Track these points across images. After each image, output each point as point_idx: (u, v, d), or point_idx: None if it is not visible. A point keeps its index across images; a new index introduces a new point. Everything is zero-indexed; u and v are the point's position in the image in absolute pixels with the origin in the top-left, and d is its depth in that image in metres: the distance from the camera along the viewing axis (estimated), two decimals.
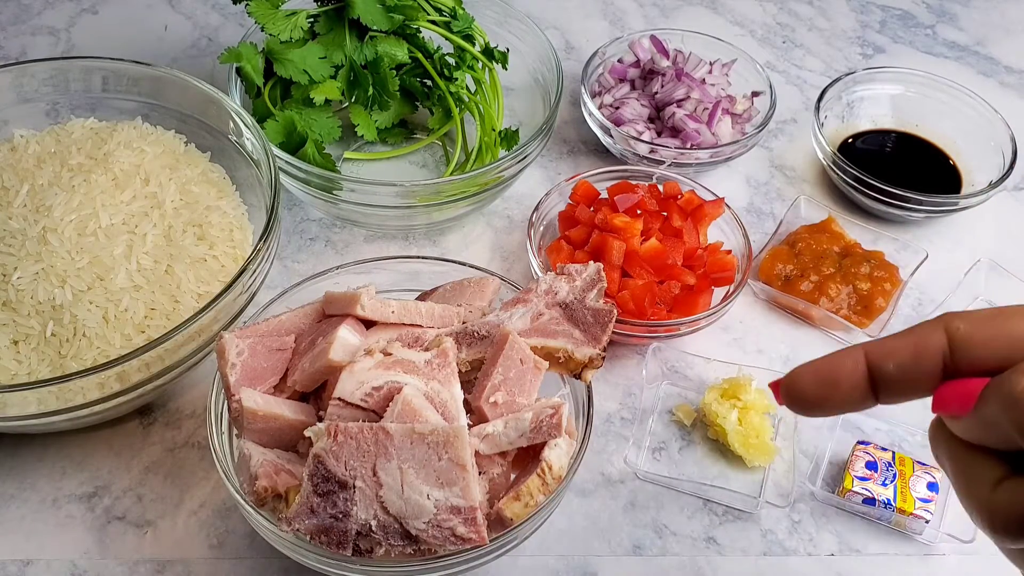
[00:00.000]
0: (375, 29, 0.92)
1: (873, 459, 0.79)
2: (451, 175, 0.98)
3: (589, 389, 0.71)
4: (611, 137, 1.03)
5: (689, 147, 1.02)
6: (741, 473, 0.82)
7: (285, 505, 0.63)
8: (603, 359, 0.70)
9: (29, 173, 0.82)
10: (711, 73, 1.09)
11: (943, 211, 1.00)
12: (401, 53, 0.95)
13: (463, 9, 0.99)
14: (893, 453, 0.80)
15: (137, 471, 0.80)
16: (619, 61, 1.11)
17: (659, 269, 0.88)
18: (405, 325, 0.72)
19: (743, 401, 0.82)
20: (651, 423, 0.86)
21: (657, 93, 1.06)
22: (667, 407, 0.87)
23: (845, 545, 0.79)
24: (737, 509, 0.80)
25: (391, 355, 0.66)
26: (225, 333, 0.69)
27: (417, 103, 1.03)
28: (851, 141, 1.09)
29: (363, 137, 0.97)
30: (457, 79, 0.98)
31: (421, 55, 0.97)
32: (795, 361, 0.90)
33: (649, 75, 1.09)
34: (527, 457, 0.68)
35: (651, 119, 1.07)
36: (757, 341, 0.93)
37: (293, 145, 0.91)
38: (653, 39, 1.10)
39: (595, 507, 0.80)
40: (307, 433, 0.61)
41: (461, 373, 0.68)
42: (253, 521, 0.65)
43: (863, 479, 0.78)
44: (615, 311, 0.72)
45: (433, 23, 0.97)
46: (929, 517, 0.77)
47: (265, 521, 0.63)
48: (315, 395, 0.70)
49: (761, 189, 1.07)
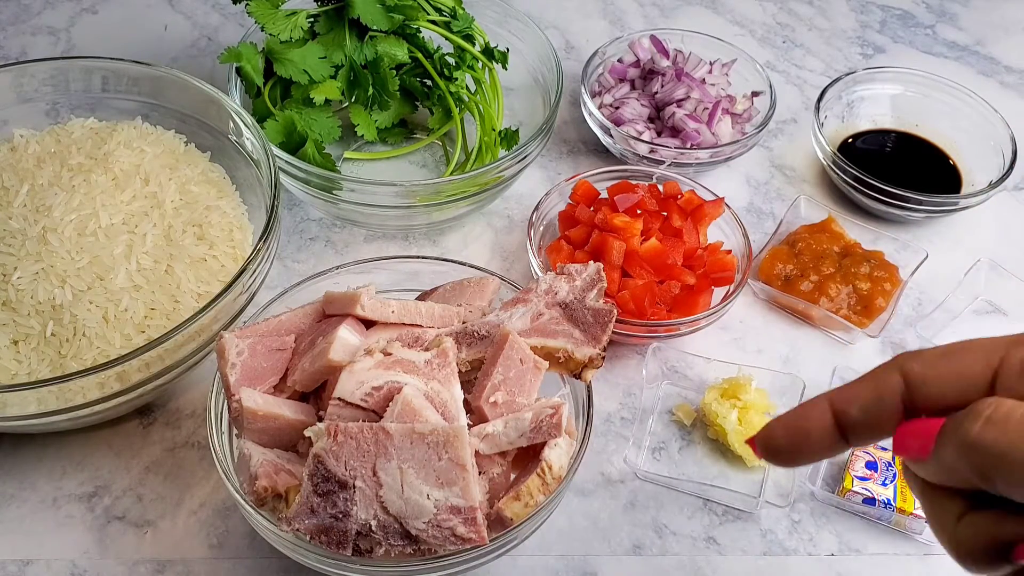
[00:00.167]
0: (375, 29, 0.92)
1: (873, 459, 0.79)
2: (451, 175, 0.98)
3: (589, 389, 0.71)
4: (611, 137, 1.03)
5: (689, 147, 1.02)
6: (741, 473, 0.82)
7: (285, 505, 0.63)
8: (603, 359, 0.70)
9: (29, 173, 0.82)
10: (711, 73, 1.09)
11: (943, 211, 1.00)
12: (401, 53, 0.95)
13: (463, 9, 0.99)
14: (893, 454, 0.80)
15: (137, 471, 0.80)
16: (619, 61, 1.11)
17: (659, 269, 0.88)
18: (405, 325, 0.72)
19: (743, 401, 0.82)
20: (651, 423, 0.86)
21: (657, 93, 1.06)
22: (667, 407, 0.87)
23: (845, 545, 0.79)
24: (737, 509, 0.80)
25: (391, 355, 0.66)
26: (225, 333, 0.69)
27: (417, 103, 1.03)
28: (851, 141, 1.09)
29: (363, 137, 0.97)
30: (457, 79, 0.98)
31: (421, 55, 0.97)
32: (795, 361, 0.91)
33: (649, 75, 1.09)
34: (527, 457, 0.68)
35: (651, 119, 1.07)
36: (757, 341, 0.93)
37: (293, 145, 0.91)
38: (653, 39, 1.10)
39: (595, 507, 0.80)
40: (307, 433, 0.61)
41: (461, 373, 0.68)
42: (253, 521, 0.65)
43: (863, 479, 0.78)
44: (615, 311, 0.72)
45: (433, 23, 0.97)
46: None
47: (265, 521, 0.63)
48: (315, 395, 0.70)
49: (761, 189, 1.07)
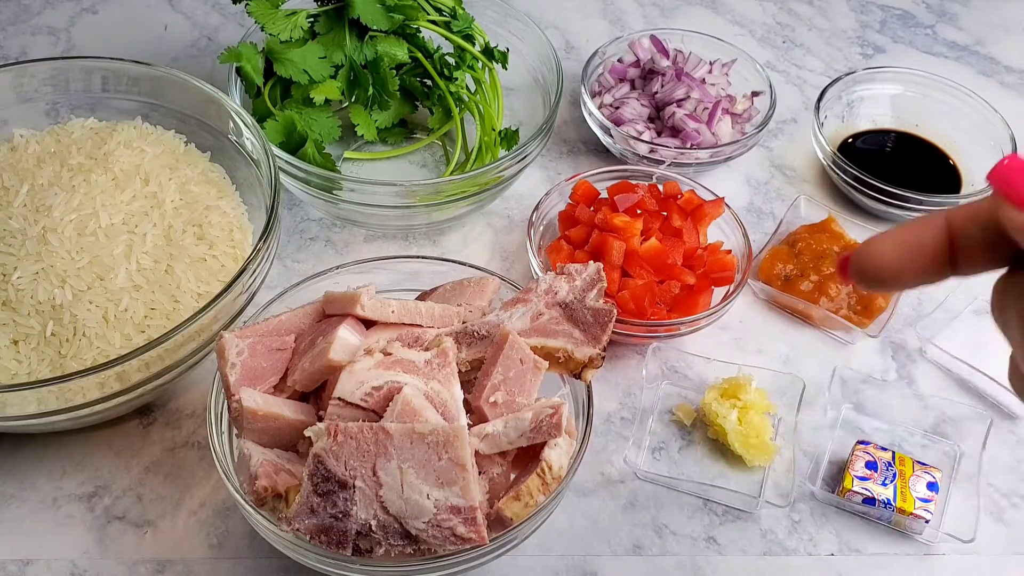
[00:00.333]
0: (375, 29, 0.92)
1: (873, 459, 0.79)
2: (451, 175, 0.98)
3: (589, 389, 0.71)
4: (611, 137, 1.03)
5: (689, 147, 1.02)
6: (741, 473, 0.82)
7: (285, 505, 0.63)
8: (603, 359, 0.70)
9: (29, 173, 0.82)
10: (711, 73, 1.09)
11: (943, 211, 1.00)
12: (401, 53, 0.95)
13: (463, 9, 0.99)
14: (893, 453, 0.80)
15: (137, 471, 0.80)
16: (619, 61, 1.11)
17: (659, 269, 0.88)
18: (405, 325, 0.72)
19: (743, 401, 0.82)
20: (651, 423, 0.86)
21: (657, 93, 1.06)
22: (667, 407, 0.87)
23: (845, 545, 0.79)
24: (737, 509, 0.80)
25: (391, 355, 0.66)
26: (225, 333, 0.69)
27: (417, 103, 1.03)
28: (851, 141, 1.09)
29: (363, 137, 0.97)
30: (457, 79, 0.98)
31: (421, 55, 0.97)
32: (795, 361, 0.91)
33: (649, 75, 1.09)
34: (527, 457, 0.68)
35: (651, 119, 1.07)
36: (757, 341, 0.93)
37: (293, 145, 0.91)
38: (653, 39, 1.10)
39: (595, 507, 0.80)
40: (307, 433, 0.61)
41: (461, 373, 0.68)
42: (253, 521, 0.65)
43: (863, 479, 0.78)
44: (615, 311, 0.72)
45: (433, 23, 0.97)
46: (929, 517, 0.77)
47: (265, 521, 0.63)
48: (315, 395, 0.70)
49: (761, 189, 1.07)
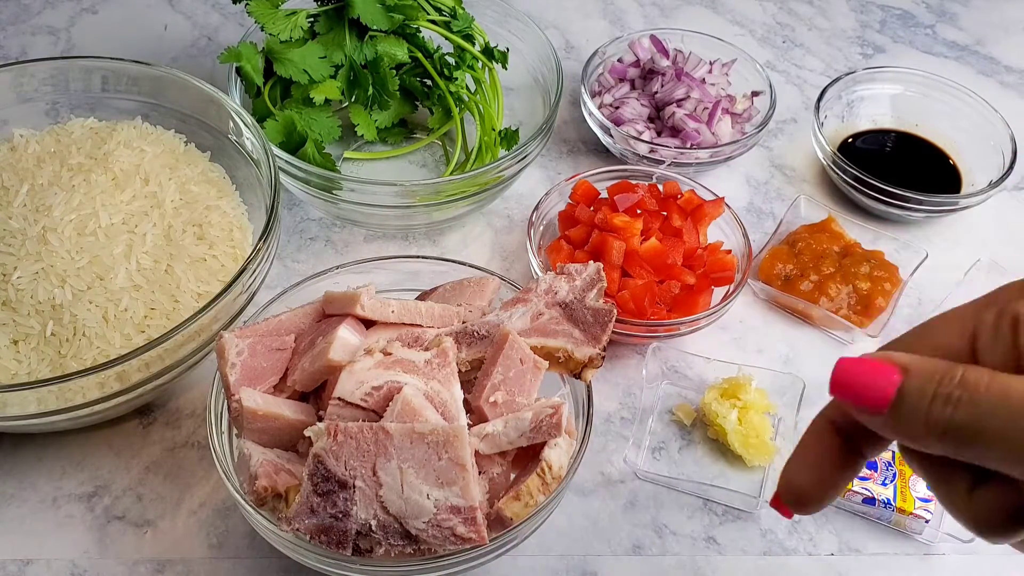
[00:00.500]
0: (375, 29, 0.92)
1: (873, 459, 0.79)
2: (451, 175, 0.98)
3: (589, 389, 0.71)
4: (611, 137, 1.03)
5: (689, 147, 1.02)
6: (741, 473, 0.82)
7: (285, 505, 0.63)
8: (603, 359, 0.70)
9: (29, 173, 0.82)
10: (711, 73, 1.09)
11: (943, 211, 1.00)
12: (401, 53, 0.95)
13: (463, 9, 0.99)
14: (893, 453, 0.80)
15: (137, 471, 0.80)
16: (619, 61, 1.11)
17: (659, 269, 0.88)
18: (405, 325, 0.72)
19: (743, 401, 0.82)
20: (651, 423, 0.86)
21: (657, 93, 1.06)
22: (667, 407, 0.87)
23: (845, 545, 0.79)
24: (737, 509, 0.80)
25: (391, 355, 0.66)
26: (225, 333, 0.69)
27: (417, 103, 1.03)
28: (851, 141, 1.09)
29: (363, 137, 0.97)
30: (457, 79, 0.98)
31: (421, 55, 0.97)
32: (795, 361, 0.91)
33: (649, 75, 1.09)
34: (527, 457, 0.68)
35: (651, 119, 1.07)
36: (757, 341, 0.93)
37: (293, 145, 0.91)
38: (653, 39, 1.10)
39: (595, 507, 0.80)
40: (307, 433, 0.61)
41: (461, 373, 0.68)
42: (253, 521, 0.65)
43: (863, 479, 0.78)
44: (615, 311, 0.72)
45: (433, 23, 0.97)
46: (929, 517, 0.77)
47: (265, 521, 0.63)
48: (315, 395, 0.70)
49: (761, 189, 1.07)
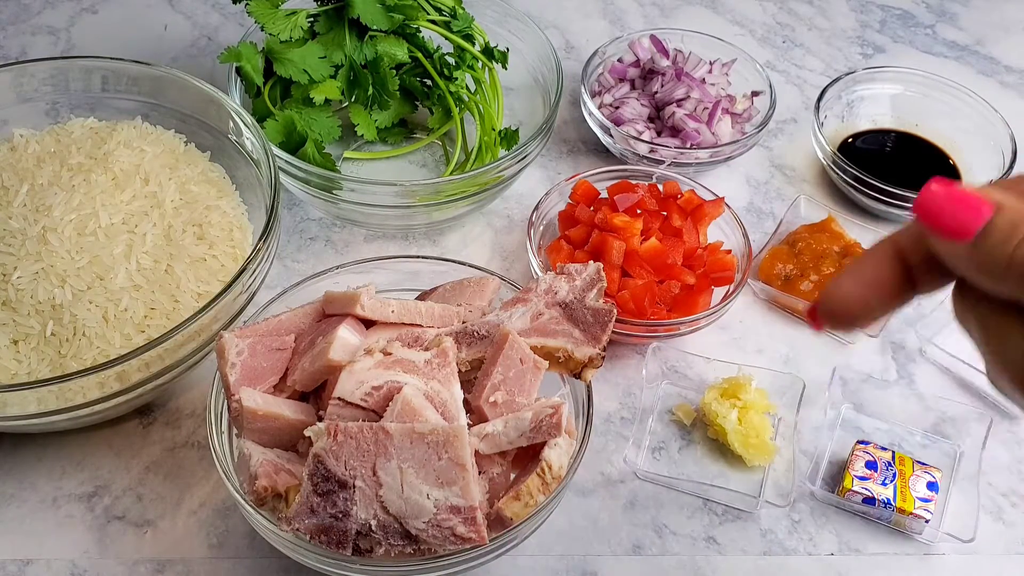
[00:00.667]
0: (375, 29, 0.92)
1: (873, 458, 0.79)
2: (451, 175, 0.98)
3: (589, 389, 0.71)
4: (611, 137, 1.03)
5: (689, 147, 1.02)
6: (741, 473, 0.82)
7: (285, 505, 0.63)
8: (603, 359, 0.70)
9: (29, 173, 0.81)
10: (711, 73, 1.08)
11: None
12: (401, 53, 0.95)
13: (463, 9, 0.99)
14: (893, 453, 0.80)
15: (137, 471, 0.80)
16: (619, 61, 1.11)
17: (659, 269, 0.88)
18: (405, 325, 0.72)
19: (743, 401, 0.82)
20: (651, 423, 0.86)
21: (657, 93, 1.06)
22: (667, 407, 0.87)
23: (845, 545, 0.79)
24: (737, 509, 0.80)
25: (391, 355, 0.66)
26: (225, 333, 0.69)
27: (417, 103, 1.03)
28: (851, 141, 1.09)
29: (363, 137, 0.97)
30: (457, 79, 0.98)
31: (421, 55, 0.97)
32: (795, 361, 0.91)
33: (649, 75, 1.09)
34: (527, 457, 0.68)
35: (651, 119, 1.07)
36: (757, 341, 0.93)
37: (293, 145, 0.91)
38: (653, 39, 1.10)
39: (595, 507, 0.80)
40: (307, 433, 0.61)
41: (461, 373, 0.68)
42: (253, 521, 0.65)
43: (863, 478, 0.78)
44: (615, 311, 0.72)
45: (433, 23, 0.97)
46: (929, 517, 0.77)
47: (265, 521, 0.63)
48: (315, 395, 0.70)
49: (761, 189, 1.07)
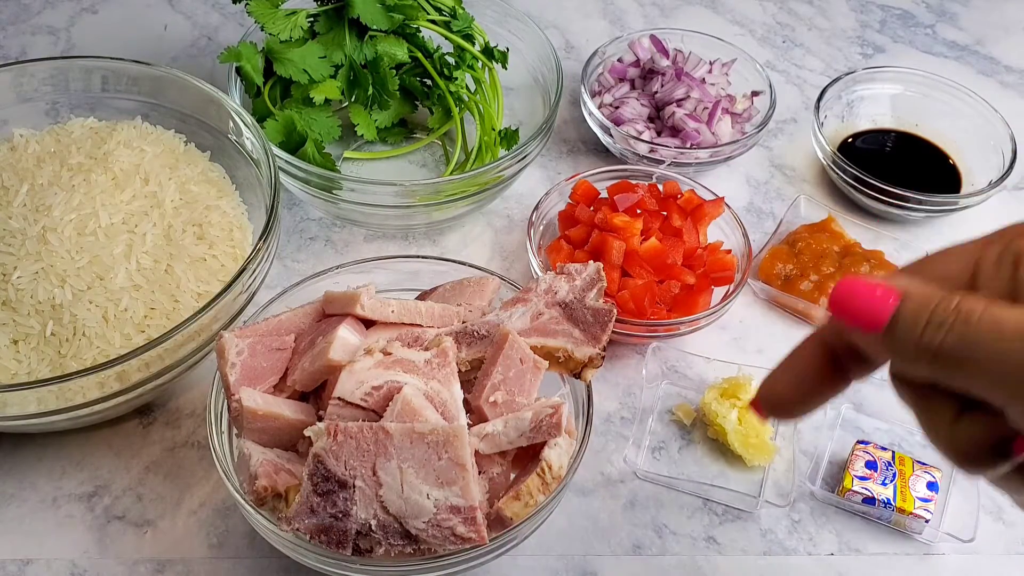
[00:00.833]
0: (375, 28, 0.92)
1: (873, 458, 0.79)
2: (451, 175, 0.98)
3: (589, 388, 0.71)
4: (611, 137, 1.03)
5: (689, 147, 1.02)
6: (741, 473, 0.82)
7: (285, 504, 0.63)
8: (603, 358, 0.70)
9: (29, 173, 0.81)
10: (711, 73, 1.08)
11: (943, 211, 1.00)
12: (401, 52, 0.95)
13: (463, 8, 0.99)
14: (893, 452, 0.80)
15: (137, 471, 0.80)
16: (619, 60, 1.11)
17: (659, 269, 0.88)
18: (405, 325, 0.72)
19: (743, 401, 0.82)
20: (651, 423, 0.86)
21: (657, 93, 1.06)
22: (667, 407, 0.87)
23: (845, 545, 0.79)
24: (737, 509, 0.80)
25: (391, 354, 0.66)
26: (225, 333, 0.69)
27: (417, 102, 1.03)
28: (851, 141, 1.09)
29: (363, 136, 0.97)
30: (457, 78, 0.98)
31: (421, 54, 0.97)
32: None
33: (649, 75, 1.09)
34: (527, 456, 0.68)
35: (651, 119, 1.07)
36: (757, 341, 0.93)
37: (293, 145, 0.91)
38: (653, 39, 1.10)
39: (595, 507, 0.80)
40: (307, 433, 0.61)
41: (461, 373, 0.68)
42: (253, 521, 0.65)
43: (863, 478, 0.78)
44: (615, 310, 0.72)
45: (433, 22, 0.97)
46: (929, 516, 0.77)
47: (265, 521, 0.63)
48: (315, 395, 0.70)
49: (761, 189, 1.07)
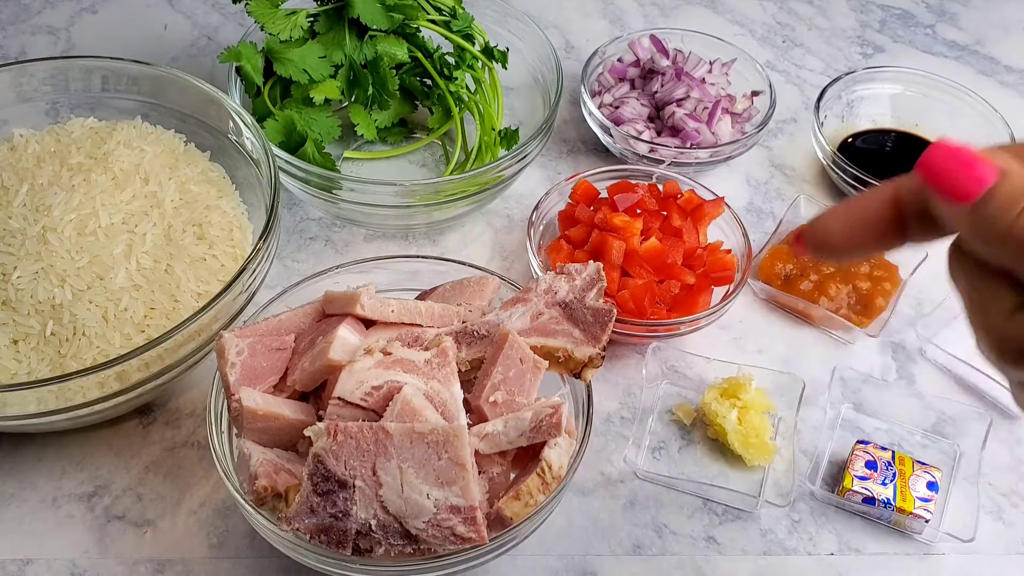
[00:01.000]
0: (375, 28, 0.92)
1: (873, 458, 0.79)
2: (451, 174, 0.98)
3: (589, 388, 0.71)
4: (611, 136, 1.03)
5: (689, 146, 1.02)
6: (741, 472, 0.82)
7: (285, 504, 0.63)
8: (603, 358, 0.70)
9: (29, 173, 0.81)
10: (711, 72, 1.08)
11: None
12: (401, 52, 0.95)
13: (463, 8, 0.99)
14: (893, 452, 0.80)
15: (137, 470, 0.80)
16: (619, 60, 1.11)
17: (659, 268, 0.88)
18: (405, 324, 0.72)
19: (743, 400, 0.82)
20: (651, 422, 0.86)
21: (657, 92, 1.06)
22: (667, 406, 0.87)
23: (845, 545, 0.79)
24: (737, 508, 0.80)
25: (391, 354, 0.66)
26: (225, 332, 0.69)
27: (417, 102, 1.03)
28: (851, 140, 1.09)
29: (363, 136, 0.97)
30: (457, 78, 0.98)
31: (421, 54, 0.97)
32: (795, 361, 0.91)
33: (649, 74, 1.09)
34: (527, 456, 0.68)
35: (651, 118, 1.07)
36: (757, 341, 0.93)
37: (293, 144, 0.91)
38: (653, 38, 1.10)
39: (595, 507, 0.80)
40: (307, 432, 0.61)
41: (461, 372, 0.68)
42: (253, 520, 0.65)
43: (863, 478, 0.78)
44: (615, 310, 0.72)
45: (433, 22, 0.97)
46: (929, 516, 0.77)
47: (265, 520, 0.63)
48: (315, 394, 0.70)
49: (761, 188, 1.07)
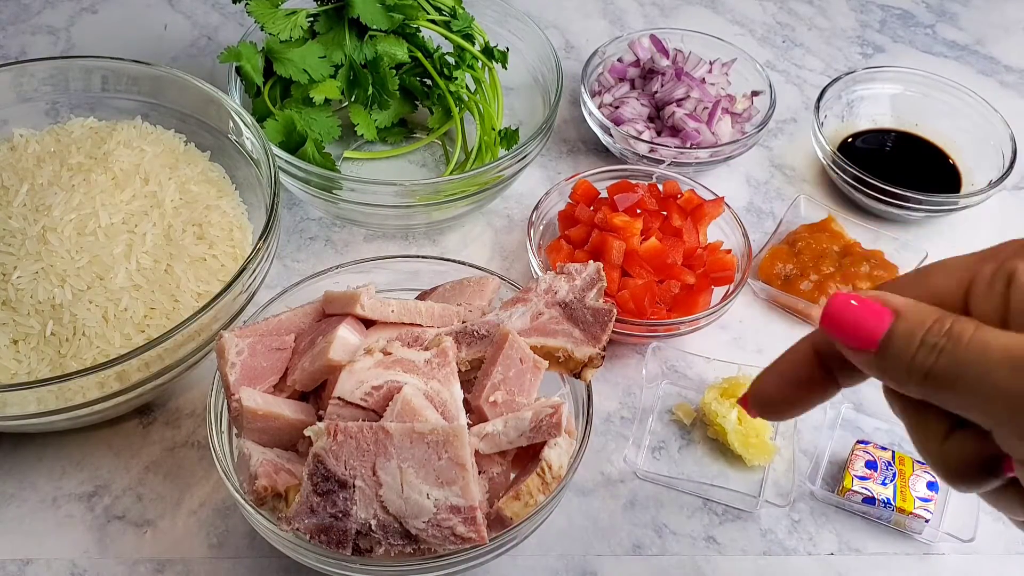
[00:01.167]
0: (375, 28, 0.92)
1: (873, 458, 0.79)
2: (451, 174, 0.98)
3: (589, 388, 0.71)
4: (611, 136, 1.03)
5: (689, 146, 1.02)
6: (741, 472, 0.82)
7: (285, 504, 0.63)
8: (603, 358, 0.70)
9: (29, 172, 0.81)
10: (711, 72, 1.08)
11: (943, 211, 1.00)
12: (401, 52, 0.95)
13: (463, 8, 0.99)
14: (893, 452, 0.80)
15: (137, 470, 0.80)
16: (619, 60, 1.11)
17: (659, 268, 0.88)
18: (405, 324, 0.72)
19: None
20: (651, 422, 0.86)
21: (657, 92, 1.06)
22: (667, 406, 0.87)
23: (845, 544, 0.79)
24: (737, 508, 0.80)
25: (391, 354, 0.66)
26: (225, 332, 0.69)
27: (417, 102, 1.03)
28: (851, 140, 1.09)
29: (363, 136, 0.97)
30: (457, 78, 0.98)
31: (421, 54, 0.97)
32: None
33: (649, 74, 1.09)
34: (527, 456, 0.68)
35: (651, 118, 1.07)
36: (757, 341, 0.93)
37: (293, 144, 0.91)
38: (653, 38, 1.10)
39: (595, 506, 0.80)
40: (307, 432, 0.61)
41: (461, 372, 0.68)
42: (253, 520, 0.65)
43: (863, 478, 0.78)
44: (615, 310, 0.72)
45: (433, 22, 0.97)
46: (929, 516, 0.77)
47: (265, 520, 0.63)
48: (315, 394, 0.70)
49: (761, 188, 1.07)
